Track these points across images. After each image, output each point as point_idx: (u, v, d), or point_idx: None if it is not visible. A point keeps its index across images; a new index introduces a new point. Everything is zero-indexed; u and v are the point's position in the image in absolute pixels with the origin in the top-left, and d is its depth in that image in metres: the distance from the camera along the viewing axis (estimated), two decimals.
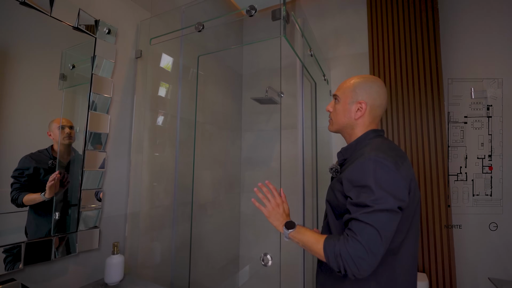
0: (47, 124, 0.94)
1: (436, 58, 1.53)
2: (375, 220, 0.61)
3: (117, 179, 1.18)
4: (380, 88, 0.79)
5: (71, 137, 0.99)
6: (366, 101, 0.78)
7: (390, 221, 0.62)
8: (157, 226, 1.36)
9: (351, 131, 0.81)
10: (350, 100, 0.80)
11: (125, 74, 1.23)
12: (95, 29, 1.09)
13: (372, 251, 0.60)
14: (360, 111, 0.79)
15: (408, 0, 1.68)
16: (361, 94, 0.79)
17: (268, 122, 2.04)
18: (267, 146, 2.02)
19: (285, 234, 0.80)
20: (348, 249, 0.62)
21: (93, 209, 1.06)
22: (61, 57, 0.98)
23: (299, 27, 1.13)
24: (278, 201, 0.88)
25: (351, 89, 0.81)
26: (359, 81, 0.81)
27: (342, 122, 0.82)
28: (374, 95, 0.79)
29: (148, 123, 1.33)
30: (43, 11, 0.92)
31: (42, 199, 0.91)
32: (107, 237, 1.12)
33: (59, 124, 0.96)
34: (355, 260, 0.61)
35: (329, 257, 0.65)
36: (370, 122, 0.80)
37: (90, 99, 1.06)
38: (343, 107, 0.81)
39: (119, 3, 1.21)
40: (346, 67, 1.84)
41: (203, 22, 1.17)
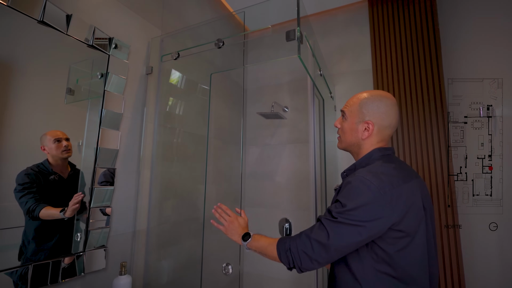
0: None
1: (438, 75, 1.56)
2: (333, 230, 0.64)
3: (126, 196, 1.16)
4: (389, 107, 0.75)
5: (70, 150, 0.94)
6: (374, 121, 0.75)
7: (350, 234, 0.63)
8: (164, 243, 1.32)
9: (359, 150, 0.80)
10: (357, 119, 0.78)
11: (136, 91, 1.24)
12: (108, 46, 1.10)
13: (317, 253, 0.65)
14: (367, 131, 0.76)
15: (410, 19, 1.73)
16: (368, 113, 0.76)
17: (273, 137, 2.04)
18: (272, 160, 2.01)
19: (244, 246, 0.83)
20: (298, 244, 0.68)
21: (101, 228, 1.03)
22: (68, 71, 0.97)
23: (310, 47, 1.15)
24: (230, 219, 0.93)
25: (357, 107, 0.78)
26: (366, 99, 0.77)
27: (349, 141, 0.81)
28: (382, 115, 0.75)
29: (157, 139, 1.32)
30: (60, 30, 0.92)
31: (60, 217, 0.88)
32: (115, 257, 1.08)
33: (53, 137, 0.90)
34: (300, 254, 0.67)
35: (281, 253, 0.71)
36: (378, 142, 0.77)
37: (102, 115, 1.06)
38: (350, 126, 0.79)
39: (132, 21, 1.23)
40: (350, 83, 1.87)
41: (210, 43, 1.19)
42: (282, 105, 2.00)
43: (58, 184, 0.91)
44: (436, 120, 1.51)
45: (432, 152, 1.50)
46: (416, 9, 1.72)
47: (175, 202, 1.40)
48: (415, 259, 0.65)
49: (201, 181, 1.44)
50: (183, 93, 1.50)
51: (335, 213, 0.66)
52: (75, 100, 1.00)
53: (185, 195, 1.45)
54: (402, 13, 1.76)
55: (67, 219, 0.90)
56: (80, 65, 1.02)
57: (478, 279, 1.40)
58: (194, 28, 1.52)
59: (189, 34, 1.48)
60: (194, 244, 1.37)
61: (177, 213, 1.39)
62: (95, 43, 1.04)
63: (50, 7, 0.90)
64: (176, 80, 1.46)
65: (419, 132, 1.56)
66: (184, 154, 1.49)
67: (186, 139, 1.51)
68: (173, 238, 1.36)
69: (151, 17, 1.33)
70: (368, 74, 1.82)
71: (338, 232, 0.64)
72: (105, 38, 1.09)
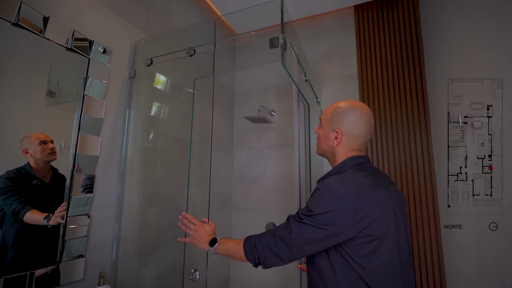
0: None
1: (421, 80, 1.62)
2: (297, 228, 0.68)
3: (106, 204, 1.13)
4: (358, 117, 0.77)
5: (55, 153, 0.92)
6: (342, 131, 0.78)
7: (311, 233, 0.66)
8: (147, 251, 1.30)
9: (333, 157, 0.82)
10: (329, 127, 0.81)
11: (118, 95, 1.21)
12: (89, 49, 1.07)
13: (280, 250, 0.69)
14: (337, 140, 0.79)
15: (394, 25, 1.77)
16: (338, 122, 0.79)
17: (260, 141, 2.04)
18: (259, 164, 2.01)
19: (212, 252, 0.85)
20: (263, 240, 0.73)
21: (79, 237, 0.99)
22: (49, 73, 0.94)
23: (296, 55, 1.16)
24: (195, 227, 0.93)
25: (330, 116, 0.81)
26: (339, 108, 0.80)
27: (323, 148, 0.84)
28: (351, 125, 0.77)
29: (140, 144, 1.30)
30: (36, 33, 0.89)
31: (44, 224, 0.85)
32: (93, 266, 1.05)
33: (38, 140, 0.87)
34: (265, 249, 0.71)
35: (247, 251, 0.74)
36: (350, 151, 0.79)
37: (81, 120, 1.03)
38: (324, 133, 0.83)
39: (114, 24, 1.20)
40: (336, 88, 1.89)
41: (199, 46, 1.18)
42: (269, 109, 2.01)
43: (40, 189, 0.89)
44: (418, 122, 1.59)
45: (415, 154, 1.57)
46: (400, 15, 1.77)
47: (159, 208, 1.37)
48: (384, 264, 0.66)
49: (186, 186, 1.42)
50: (168, 97, 1.48)
51: (301, 215, 0.69)
52: (56, 102, 0.97)
53: (169, 201, 1.43)
54: (387, 20, 1.81)
55: (50, 226, 0.87)
56: (62, 66, 0.99)
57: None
58: (180, 31, 1.50)
59: (175, 38, 1.46)
60: (178, 251, 1.34)
61: (160, 219, 1.37)
62: (75, 45, 1.01)
63: (26, 9, 0.87)
64: (161, 84, 1.44)
65: (403, 134, 1.63)
66: (168, 159, 1.47)
67: (171, 143, 1.48)
68: (156, 245, 1.34)
69: (135, 20, 1.31)
70: (354, 79, 1.84)
71: (301, 231, 0.68)
72: (85, 40, 1.06)
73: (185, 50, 1.18)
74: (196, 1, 1.80)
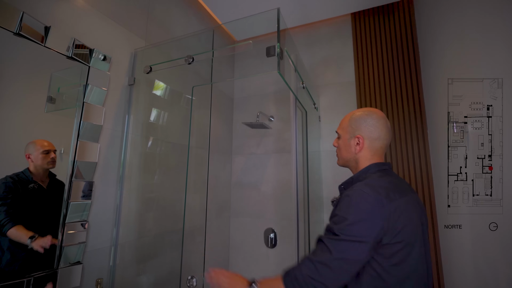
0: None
1: (418, 85, 1.66)
2: (336, 248, 0.63)
3: (104, 210, 1.13)
4: (376, 120, 0.80)
5: (54, 162, 0.94)
6: (363, 135, 0.80)
7: (354, 250, 0.63)
8: (145, 257, 1.30)
9: (356, 164, 0.83)
10: (349, 136, 0.83)
11: (117, 102, 1.23)
12: (89, 57, 1.09)
13: (323, 275, 0.62)
14: (359, 145, 0.80)
15: (390, 32, 1.80)
16: (357, 128, 0.81)
17: (259, 146, 2.05)
18: (258, 170, 2.02)
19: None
20: (302, 270, 0.65)
21: (76, 244, 1.00)
22: (49, 80, 0.96)
23: (293, 63, 1.18)
24: (227, 279, 0.84)
25: (348, 124, 0.83)
26: (355, 116, 0.83)
27: (345, 157, 0.85)
28: (370, 128, 0.80)
29: (139, 150, 1.31)
30: (37, 42, 0.91)
31: (27, 244, 0.85)
32: (91, 273, 1.05)
33: (42, 148, 0.90)
34: (306, 279, 0.63)
35: (288, 285, 0.67)
36: (372, 155, 0.80)
37: (80, 127, 1.04)
38: (344, 143, 0.84)
39: (114, 32, 1.22)
40: (334, 94, 1.91)
41: (197, 54, 1.19)
42: (267, 115, 2.02)
43: (37, 193, 0.90)
44: (415, 125, 1.63)
45: (412, 156, 1.61)
46: (396, 22, 1.80)
47: (157, 214, 1.38)
48: (413, 273, 0.65)
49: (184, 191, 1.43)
50: (167, 104, 1.50)
51: (337, 230, 0.65)
52: (56, 108, 0.99)
53: (167, 207, 1.43)
54: (383, 27, 1.84)
55: (29, 247, 0.86)
56: (62, 73, 1.01)
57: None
58: (179, 39, 1.53)
59: (174, 45, 1.48)
60: (175, 258, 1.35)
61: (158, 225, 1.37)
62: (75, 54, 1.03)
63: (28, 19, 0.89)
64: (160, 91, 1.45)
65: (400, 138, 1.66)
66: (167, 164, 1.48)
67: (170, 149, 1.50)
68: (154, 252, 1.34)
69: (135, 28, 1.33)
70: (352, 85, 1.87)
71: (341, 250, 0.63)
72: (85, 48, 1.08)
73: (184, 58, 1.20)
74: (196, 9, 1.83)
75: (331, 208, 2.04)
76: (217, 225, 1.88)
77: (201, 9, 1.88)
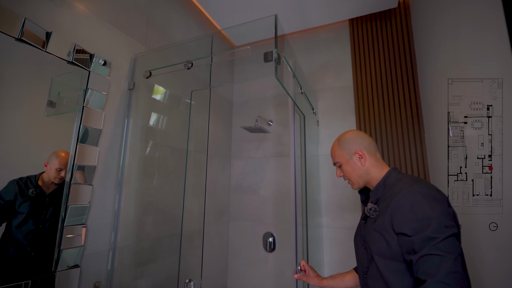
0: (30, 150, 0.91)
1: (414, 89, 1.68)
2: (445, 248, 0.59)
3: (103, 213, 1.14)
4: (355, 134, 0.89)
5: (62, 178, 0.99)
6: (359, 148, 0.86)
7: (458, 244, 0.61)
8: (143, 261, 1.30)
9: (369, 176, 0.86)
10: (348, 156, 0.87)
11: (117, 106, 1.24)
12: (89, 62, 1.10)
13: (456, 283, 0.56)
14: (363, 158, 0.85)
15: (387, 38, 1.83)
16: (350, 147, 0.87)
17: (258, 150, 2.06)
18: (257, 174, 2.02)
19: None
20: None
21: (74, 247, 1.00)
22: (50, 84, 0.98)
23: (291, 68, 1.19)
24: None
25: (339, 151, 0.89)
26: (340, 141, 0.90)
27: (357, 175, 0.87)
28: (358, 140, 0.87)
29: (138, 154, 1.32)
30: (39, 47, 0.93)
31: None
32: (88, 277, 1.05)
33: (59, 166, 0.97)
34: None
35: None
36: (376, 161, 0.86)
37: (80, 131, 1.05)
38: (348, 165, 0.87)
39: (115, 38, 1.24)
40: (332, 99, 1.93)
41: (197, 59, 1.21)
42: (266, 119, 2.03)
43: (35, 199, 0.90)
44: (412, 129, 1.65)
45: (410, 159, 1.63)
46: (393, 28, 1.82)
47: (155, 217, 1.38)
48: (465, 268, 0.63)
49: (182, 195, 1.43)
50: (166, 108, 1.51)
51: (432, 233, 0.60)
52: (56, 112, 1.00)
53: (166, 211, 1.43)
54: (380, 32, 1.86)
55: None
56: (63, 77, 1.02)
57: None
58: (179, 44, 1.54)
59: (174, 51, 1.50)
60: (174, 262, 1.34)
61: (157, 229, 1.37)
62: (76, 59, 1.04)
63: (30, 24, 0.90)
64: (159, 95, 1.47)
65: (397, 141, 1.68)
66: (165, 168, 1.49)
67: (168, 153, 1.50)
68: (152, 255, 1.34)
69: (135, 33, 1.35)
70: (349, 89, 1.88)
71: (450, 246, 0.60)
72: (86, 54, 1.09)
73: (183, 63, 1.22)
74: (196, 16, 1.85)
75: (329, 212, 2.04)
76: (216, 229, 1.87)
77: (201, 15, 1.91)
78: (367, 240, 0.78)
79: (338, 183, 1.78)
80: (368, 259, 0.79)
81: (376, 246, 0.73)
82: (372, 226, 0.76)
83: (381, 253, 0.72)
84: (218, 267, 1.89)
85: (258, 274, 1.87)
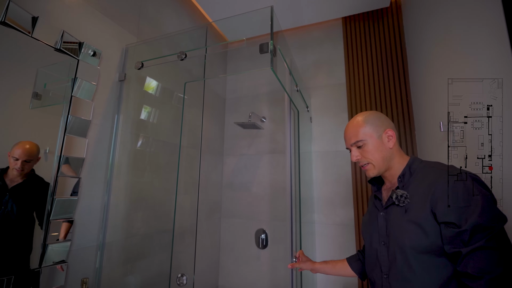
0: (10, 143, 0.85)
1: (406, 87, 1.70)
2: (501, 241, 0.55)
3: (91, 207, 1.10)
4: (380, 113, 0.82)
5: (23, 170, 0.88)
6: (390, 127, 0.78)
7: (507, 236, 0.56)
8: (133, 257, 1.26)
9: (392, 161, 0.77)
10: (376, 135, 0.77)
11: (107, 97, 1.20)
12: (78, 51, 1.06)
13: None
14: (392, 139, 0.77)
15: (380, 36, 1.85)
16: (381, 125, 0.78)
17: (251, 147, 2.05)
18: (249, 170, 2.01)
19: None
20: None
21: (61, 242, 0.96)
22: (36, 75, 0.93)
23: (287, 65, 1.19)
24: None
25: (366, 128, 0.77)
26: (369, 117, 0.79)
27: (381, 158, 0.76)
28: (387, 120, 0.80)
29: (128, 147, 1.28)
30: (24, 32, 0.88)
31: None
32: (76, 273, 1.01)
33: (13, 154, 0.85)
34: None
35: None
36: (399, 147, 0.80)
37: (68, 121, 1.01)
38: (373, 145, 0.76)
39: (105, 27, 1.20)
40: (325, 96, 1.94)
41: (190, 51, 1.19)
42: (259, 116, 2.03)
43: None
44: (404, 127, 1.66)
45: None
46: (385, 27, 1.85)
47: (146, 213, 1.35)
48: None
49: (174, 191, 1.40)
50: (158, 101, 1.48)
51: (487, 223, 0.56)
52: (42, 105, 0.95)
53: (157, 206, 1.40)
54: (373, 31, 1.88)
55: None
56: (49, 68, 0.98)
57: None
58: (171, 36, 1.51)
59: (166, 42, 1.47)
60: (165, 258, 1.32)
61: (147, 225, 1.34)
62: (64, 47, 1.00)
63: (14, 8, 0.86)
64: (151, 88, 1.43)
65: None
66: (157, 163, 1.46)
67: (160, 148, 1.47)
68: (142, 252, 1.30)
69: (126, 24, 1.31)
70: (342, 87, 1.90)
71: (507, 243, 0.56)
72: (75, 42, 1.05)
73: (177, 54, 1.19)
74: (188, 9, 1.82)
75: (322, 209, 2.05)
76: (207, 226, 1.85)
77: (194, 8, 1.88)
78: (392, 233, 0.70)
79: (330, 180, 1.79)
80: (389, 257, 0.71)
81: (411, 238, 0.65)
82: (403, 217, 0.68)
83: (416, 247, 0.65)
84: (210, 264, 1.87)
85: (249, 270, 1.86)
